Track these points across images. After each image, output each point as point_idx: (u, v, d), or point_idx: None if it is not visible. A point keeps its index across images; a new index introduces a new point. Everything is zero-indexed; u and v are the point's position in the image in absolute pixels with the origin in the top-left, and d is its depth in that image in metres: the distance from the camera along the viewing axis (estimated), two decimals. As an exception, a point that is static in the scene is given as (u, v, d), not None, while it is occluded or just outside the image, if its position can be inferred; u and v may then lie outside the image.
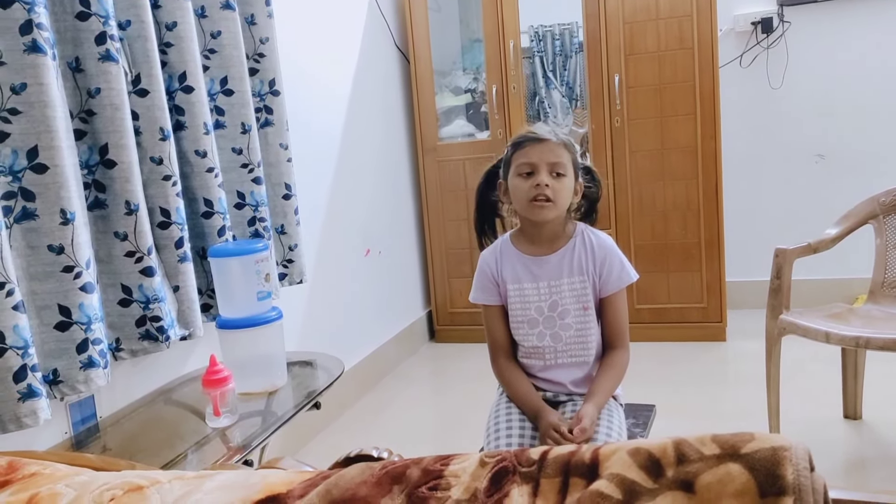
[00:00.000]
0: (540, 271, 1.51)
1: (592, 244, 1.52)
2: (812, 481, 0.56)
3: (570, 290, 1.50)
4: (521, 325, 1.54)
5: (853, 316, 2.08)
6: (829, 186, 3.36)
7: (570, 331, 1.51)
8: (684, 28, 3.00)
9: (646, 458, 0.61)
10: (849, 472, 2.01)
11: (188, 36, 1.82)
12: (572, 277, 1.50)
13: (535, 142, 1.46)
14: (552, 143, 1.45)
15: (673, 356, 3.00)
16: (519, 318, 1.53)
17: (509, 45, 3.21)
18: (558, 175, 1.45)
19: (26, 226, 1.42)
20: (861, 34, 3.26)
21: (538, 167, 1.44)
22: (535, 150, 1.45)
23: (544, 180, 1.43)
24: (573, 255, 1.51)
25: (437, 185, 3.42)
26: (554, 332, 1.51)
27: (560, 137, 1.47)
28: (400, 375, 3.14)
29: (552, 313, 1.51)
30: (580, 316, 1.51)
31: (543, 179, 1.43)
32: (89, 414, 1.62)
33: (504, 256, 1.55)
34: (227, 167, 2.01)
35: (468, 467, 0.68)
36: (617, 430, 1.44)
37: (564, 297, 1.50)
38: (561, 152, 1.45)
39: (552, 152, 1.45)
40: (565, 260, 1.51)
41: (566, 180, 1.46)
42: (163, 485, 0.77)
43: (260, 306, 1.73)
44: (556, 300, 1.51)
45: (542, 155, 1.44)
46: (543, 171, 1.44)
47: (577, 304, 1.50)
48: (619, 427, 1.46)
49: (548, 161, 1.44)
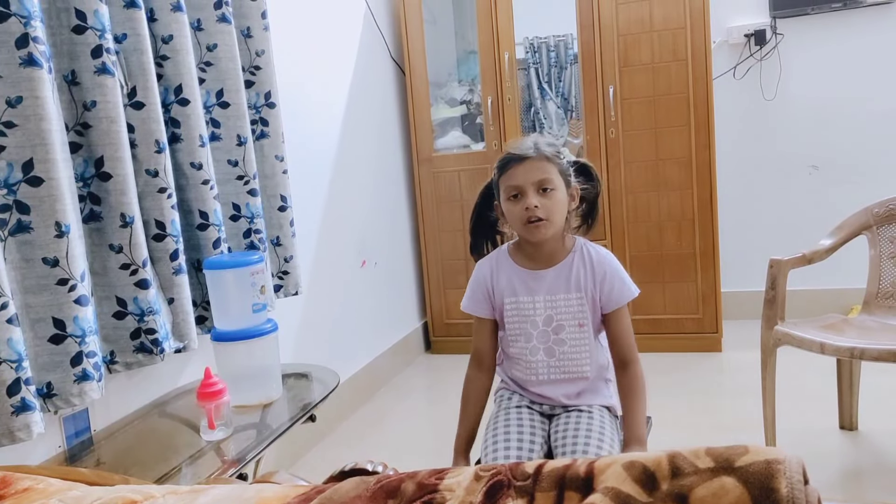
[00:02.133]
0: (537, 285, 1.51)
1: (592, 260, 1.50)
2: (806, 494, 0.56)
3: (567, 306, 1.50)
4: (516, 338, 1.53)
5: (848, 326, 2.08)
6: (823, 197, 3.38)
7: (565, 346, 1.50)
8: (678, 40, 3.02)
9: (640, 472, 0.61)
10: (845, 483, 2.01)
11: (184, 49, 1.83)
12: (569, 294, 1.49)
13: (518, 162, 1.43)
14: (534, 160, 1.43)
15: (668, 367, 3.00)
16: (515, 332, 1.53)
17: (504, 56, 3.23)
18: (547, 191, 1.43)
19: (21, 238, 1.41)
20: (854, 45, 3.29)
21: (524, 189, 1.42)
22: (518, 171, 1.43)
23: (533, 202, 1.41)
24: (571, 272, 1.50)
25: (433, 197, 3.43)
26: (548, 346, 1.51)
27: (541, 150, 1.44)
28: (395, 387, 3.13)
29: (546, 328, 1.51)
30: (575, 332, 1.50)
31: (532, 201, 1.41)
32: (83, 427, 1.61)
33: (500, 268, 1.54)
34: (223, 179, 2.01)
35: (463, 481, 0.68)
36: (609, 443, 1.44)
37: (560, 312, 1.50)
38: (545, 166, 1.43)
39: (537, 169, 1.42)
40: (563, 275, 1.50)
41: (556, 194, 1.44)
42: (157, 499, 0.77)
43: (255, 318, 1.72)
44: (551, 315, 1.50)
45: (527, 175, 1.42)
46: (531, 192, 1.42)
47: (572, 321, 1.50)
48: (612, 440, 1.45)
49: (533, 180, 1.42)
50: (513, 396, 1.58)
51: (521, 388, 1.57)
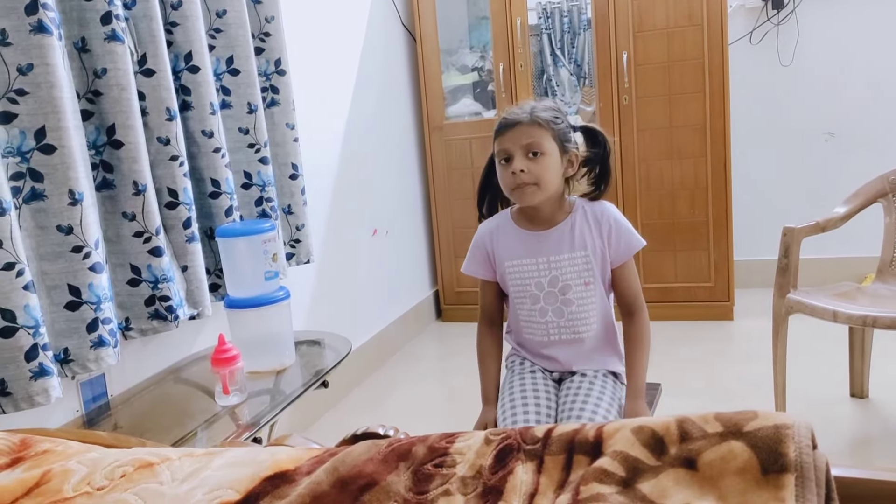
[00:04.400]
0: (539, 247, 1.51)
1: (595, 215, 1.50)
2: (814, 459, 0.56)
3: (571, 265, 1.49)
4: (523, 300, 1.54)
5: (861, 295, 2.07)
6: (839, 164, 3.34)
7: (573, 306, 1.51)
8: (693, 4, 2.96)
9: (649, 436, 0.62)
10: (854, 450, 2.02)
11: (193, 15, 1.81)
12: (573, 252, 1.49)
13: (509, 127, 1.43)
14: (524, 125, 1.42)
15: (680, 335, 3.00)
16: (520, 294, 1.53)
17: (516, 22, 3.18)
18: (537, 155, 1.42)
19: (35, 206, 1.42)
20: (872, 11, 3.22)
21: (513, 152, 1.42)
22: (508, 136, 1.43)
23: (518, 166, 1.41)
24: (573, 230, 1.49)
25: (444, 164, 3.41)
26: (556, 307, 1.51)
27: (534, 116, 1.42)
28: (407, 354, 3.16)
29: (553, 289, 1.51)
30: (581, 291, 1.50)
31: (517, 165, 1.41)
32: (100, 392, 1.64)
33: (501, 232, 1.55)
34: (234, 147, 2.01)
35: (473, 445, 0.69)
36: (605, 410, 1.44)
37: (565, 272, 1.50)
38: (535, 131, 1.42)
39: (524, 133, 1.42)
40: (566, 235, 1.50)
41: (546, 159, 1.42)
42: (173, 461, 0.78)
43: (267, 286, 1.74)
44: (556, 275, 1.50)
45: (516, 139, 1.42)
46: (518, 156, 1.42)
47: (578, 280, 1.50)
48: (609, 407, 1.45)
49: (521, 144, 1.41)
50: (524, 362, 1.59)
51: (532, 355, 1.58)
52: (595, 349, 1.54)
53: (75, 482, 0.77)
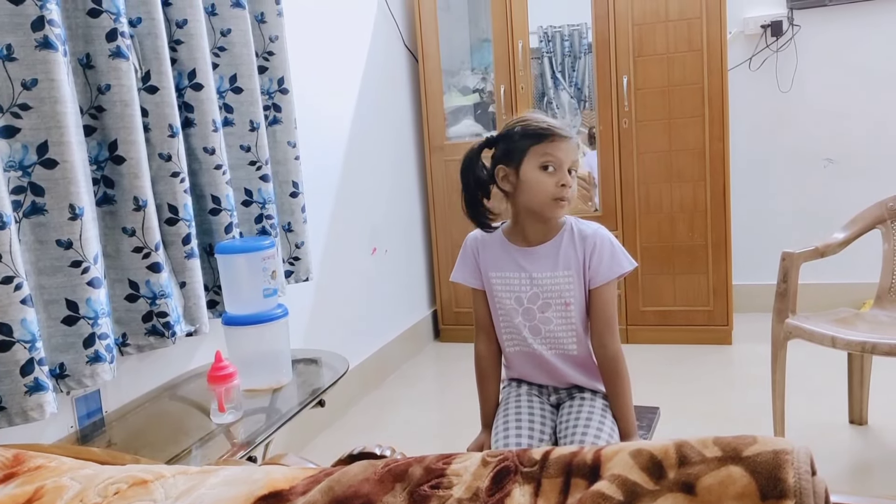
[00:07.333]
0: (524, 262, 1.50)
1: (582, 235, 1.49)
2: (813, 485, 0.56)
3: (553, 284, 1.48)
4: (503, 315, 1.53)
5: (860, 321, 2.07)
6: (838, 190, 3.35)
7: (550, 325, 1.50)
8: (693, 30, 2.99)
9: (647, 460, 0.61)
10: (853, 477, 2.01)
11: (198, 33, 1.83)
12: (556, 272, 1.48)
13: (561, 139, 1.42)
14: (573, 142, 1.44)
15: (678, 359, 3.00)
16: (502, 308, 1.53)
17: (518, 45, 3.21)
18: (572, 174, 1.44)
19: (35, 220, 1.43)
20: (871, 37, 3.25)
21: (562, 165, 1.42)
22: (561, 147, 1.42)
23: (568, 180, 1.42)
24: (559, 250, 1.48)
25: (444, 184, 3.42)
26: (533, 324, 1.50)
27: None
28: (404, 374, 3.15)
29: (532, 305, 1.50)
30: (561, 311, 1.49)
31: (568, 179, 1.42)
32: (95, 408, 1.63)
33: (489, 243, 1.53)
34: (235, 164, 2.02)
35: (470, 466, 0.69)
36: (608, 433, 1.43)
37: (546, 290, 1.48)
38: (576, 151, 1.46)
39: (573, 150, 1.44)
40: (551, 254, 1.49)
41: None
42: (167, 479, 0.78)
43: (266, 303, 1.73)
44: (537, 293, 1.49)
45: (568, 153, 1.43)
46: (565, 170, 1.42)
47: (559, 300, 1.48)
48: (612, 429, 1.45)
49: (571, 159, 1.43)
50: (521, 385, 1.58)
51: (521, 374, 1.58)
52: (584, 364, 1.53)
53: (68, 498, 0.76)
